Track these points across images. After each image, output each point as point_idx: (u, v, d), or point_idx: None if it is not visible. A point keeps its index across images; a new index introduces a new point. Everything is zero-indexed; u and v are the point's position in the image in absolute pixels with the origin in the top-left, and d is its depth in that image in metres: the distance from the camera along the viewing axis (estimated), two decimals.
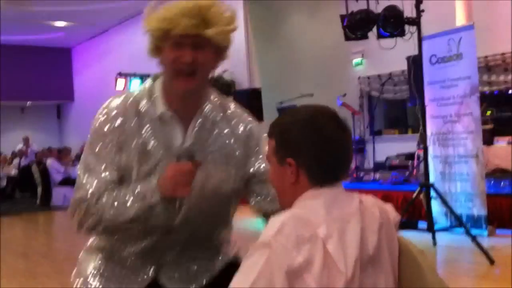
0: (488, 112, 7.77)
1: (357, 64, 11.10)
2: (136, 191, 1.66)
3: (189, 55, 1.66)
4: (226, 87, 11.53)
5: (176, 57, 1.68)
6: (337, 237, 1.26)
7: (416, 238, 1.27)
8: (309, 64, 11.95)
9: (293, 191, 1.38)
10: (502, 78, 8.52)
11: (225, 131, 1.83)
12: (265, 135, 1.54)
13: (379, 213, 1.37)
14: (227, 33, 1.72)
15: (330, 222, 1.27)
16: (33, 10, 13.97)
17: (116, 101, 1.79)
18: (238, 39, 11.65)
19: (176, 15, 1.63)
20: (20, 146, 16.35)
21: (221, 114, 1.84)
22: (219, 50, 1.76)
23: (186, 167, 1.65)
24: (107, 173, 1.69)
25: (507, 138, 7.54)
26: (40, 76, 18.06)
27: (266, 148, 1.50)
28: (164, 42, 1.71)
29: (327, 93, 10.42)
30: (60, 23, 15.60)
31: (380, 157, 9.84)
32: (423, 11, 5.62)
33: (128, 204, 1.64)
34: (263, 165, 1.81)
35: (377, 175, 7.61)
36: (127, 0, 13.78)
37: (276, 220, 1.28)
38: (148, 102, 1.77)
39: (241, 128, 1.85)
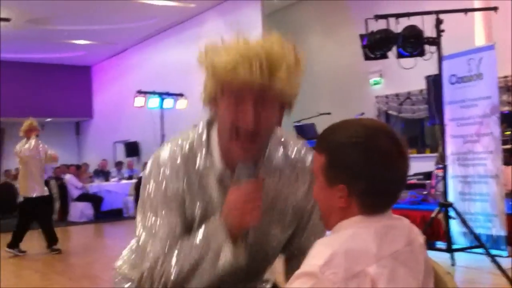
0: (508, 132, 7.68)
1: (375, 83, 11.10)
2: (199, 236, 1.44)
3: (251, 114, 1.40)
4: None
5: (236, 117, 1.42)
6: (388, 276, 1.18)
7: (434, 258, 1.26)
8: (326, 83, 11.98)
9: (339, 214, 1.28)
10: None
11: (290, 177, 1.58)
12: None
13: (422, 240, 1.32)
14: (293, 81, 1.46)
15: (382, 261, 1.18)
16: (55, 29, 14.24)
17: (173, 155, 1.55)
18: None
19: (238, 61, 1.36)
20: None
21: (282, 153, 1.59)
22: (286, 103, 1.50)
23: (250, 185, 1.42)
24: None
25: None
26: (60, 93, 18.33)
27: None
28: (221, 92, 1.45)
29: (345, 112, 10.37)
30: (81, 42, 15.84)
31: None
32: (443, 31, 5.61)
33: (192, 254, 1.43)
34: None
35: None
36: (146, 21, 13.99)
37: (325, 249, 1.19)
38: (206, 158, 1.53)
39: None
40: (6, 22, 13.07)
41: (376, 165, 1.22)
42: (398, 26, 6.02)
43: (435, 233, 6.24)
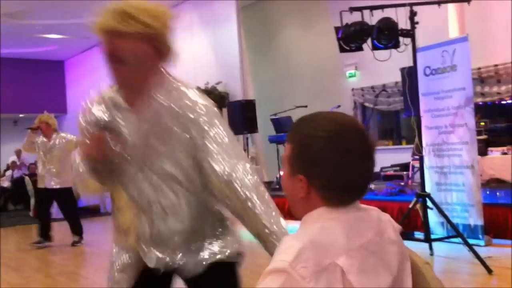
0: (482, 123, 7.81)
1: (351, 76, 11.15)
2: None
3: (107, 43, 1.91)
4: (219, 99, 11.54)
5: (103, 52, 1.94)
6: (358, 266, 1.18)
7: (412, 248, 1.27)
8: (303, 76, 12.01)
9: (303, 204, 1.29)
10: (495, 89, 8.58)
11: (164, 103, 1.97)
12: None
13: (393, 230, 1.32)
14: (144, 24, 1.86)
15: (351, 252, 1.19)
16: (27, 23, 13.98)
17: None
18: (232, 50, 11.72)
19: (101, 17, 1.91)
20: (12, 158, 16.27)
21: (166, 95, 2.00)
22: (148, 39, 1.89)
23: (93, 135, 1.98)
24: None
25: (501, 149, 7.59)
26: (33, 88, 18.02)
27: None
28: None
29: (321, 105, 10.43)
30: (53, 36, 15.59)
31: (375, 168, 9.87)
32: (417, 23, 5.66)
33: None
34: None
35: (372, 186, 7.63)
36: None
37: (293, 244, 1.19)
38: (115, 96, 2.10)
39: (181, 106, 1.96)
40: None
41: (337, 160, 1.23)
42: (372, 19, 6.05)
43: (413, 223, 6.34)
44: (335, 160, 1.23)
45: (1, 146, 17.84)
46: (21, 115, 18.62)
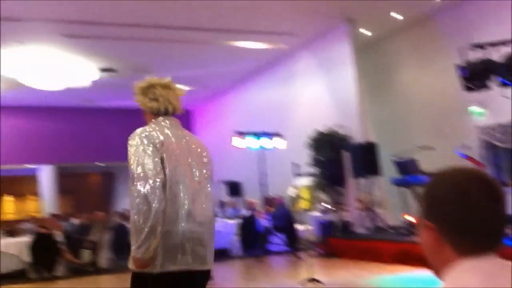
0: None
1: (475, 113, 10.74)
2: None
3: None
4: (339, 142, 11.62)
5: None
6: None
7: None
8: (423, 115, 11.77)
9: (438, 257, 1.30)
10: None
11: None
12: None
13: None
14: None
15: None
16: (155, 76, 15.09)
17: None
18: (349, 92, 11.79)
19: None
20: None
21: None
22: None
23: None
24: None
25: None
26: None
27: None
28: None
29: (444, 144, 10.19)
30: (180, 87, 16.66)
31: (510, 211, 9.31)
32: None
33: None
34: None
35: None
36: (239, 63, 14.53)
37: None
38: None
39: None
40: (114, 72, 14.10)
41: (461, 201, 1.25)
42: (495, 53, 5.92)
43: None
44: (461, 203, 1.26)
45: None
46: None
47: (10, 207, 21.00)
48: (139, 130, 2.73)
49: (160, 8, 10.32)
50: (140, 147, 2.65)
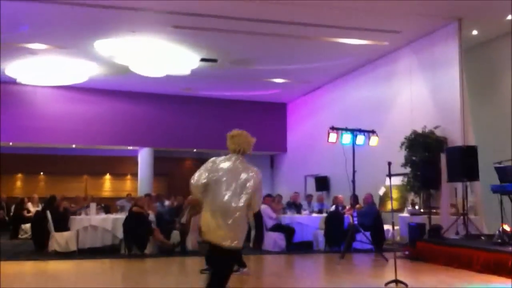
0: None
1: None
2: None
3: None
4: (437, 143, 11.25)
5: None
6: None
7: None
8: None
9: None
10: None
11: None
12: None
13: None
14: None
15: None
16: (255, 68, 15.35)
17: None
18: (452, 94, 11.38)
19: None
20: None
21: None
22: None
23: None
24: None
25: None
26: (257, 128, 19.48)
27: None
28: None
29: None
30: (278, 80, 16.82)
31: None
32: None
33: None
34: None
35: None
36: (340, 59, 14.40)
37: None
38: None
39: None
40: (214, 62, 14.45)
41: None
42: None
43: None
44: None
45: None
46: None
47: (108, 185, 22.17)
48: (213, 158, 4.76)
49: (264, 2, 10.44)
50: (204, 164, 4.70)
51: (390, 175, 7.83)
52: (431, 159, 10.95)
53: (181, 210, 12.17)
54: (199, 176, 4.53)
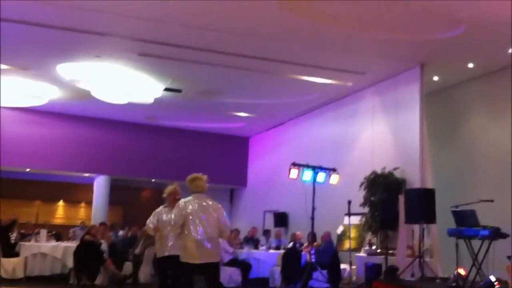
0: None
1: None
2: None
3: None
4: (396, 185, 11.33)
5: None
6: None
7: None
8: (488, 167, 11.33)
9: None
10: None
11: None
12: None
13: None
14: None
15: None
16: (220, 101, 15.31)
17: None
18: (412, 136, 11.55)
19: None
20: None
21: None
22: None
23: None
24: None
25: None
26: (219, 160, 19.43)
27: None
28: None
29: (509, 199, 9.73)
30: (242, 114, 16.81)
31: None
32: None
33: None
34: None
35: None
36: (306, 96, 14.52)
37: None
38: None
39: None
40: (178, 93, 14.35)
41: None
42: None
43: None
44: None
45: None
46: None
47: (61, 212, 21.56)
48: (181, 200, 6.21)
49: (232, 35, 10.45)
50: (177, 206, 6.08)
51: (349, 214, 7.80)
52: (390, 200, 11.00)
53: (136, 241, 11.86)
54: (176, 218, 5.99)
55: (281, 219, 16.59)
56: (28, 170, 18.26)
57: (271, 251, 12.28)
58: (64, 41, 11.08)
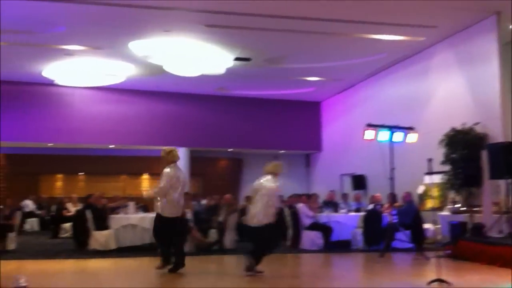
0: None
1: None
2: None
3: None
4: (477, 140, 10.99)
5: None
6: None
7: None
8: None
9: None
10: None
11: None
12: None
13: None
14: None
15: None
16: (289, 67, 15.28)
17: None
18: (491, 89, 11.12)
19: None
20: None
21: None
22: None
23: None
24: None
25: None
26: (292, 127, 19.49)
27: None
28: None
29: None
30: (311, 78, 16.71)
31: None
32: None
33: None
34: None
35: None
36: (375, 56, 14.21)
37: None
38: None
39: None
40: (248, 61, 14.43)
41: None
42: None
43: None
44: None
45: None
46: (281, 151, 20.19)
47: (147, 184, 22.38)
48: (167, 168, 7.85)
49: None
50: (165, 172, 7.82)
51: (431, 173, 7.67)
52: (472, 156, 10.72)
53: (218, 209, 12.21)
54: None
55: (359, 181, 16.50)
56: (112, 146, 19.06)
57: (351, 213, 12.29)
58: (133, 18, 11.40)
